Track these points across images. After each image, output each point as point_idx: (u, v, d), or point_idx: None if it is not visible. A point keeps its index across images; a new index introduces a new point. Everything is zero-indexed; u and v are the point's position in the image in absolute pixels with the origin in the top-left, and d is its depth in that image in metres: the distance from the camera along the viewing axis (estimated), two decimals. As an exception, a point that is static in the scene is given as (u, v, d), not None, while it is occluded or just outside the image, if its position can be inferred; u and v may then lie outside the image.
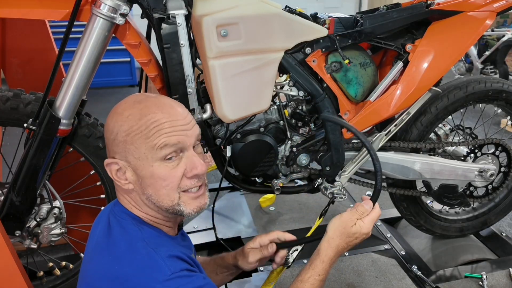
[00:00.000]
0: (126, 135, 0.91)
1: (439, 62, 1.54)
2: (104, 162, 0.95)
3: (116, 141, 0.92)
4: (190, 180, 0.94)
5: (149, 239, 0.92)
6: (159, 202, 0.93)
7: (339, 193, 1.66)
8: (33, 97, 1.47)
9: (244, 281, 1.76)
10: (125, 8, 1.34)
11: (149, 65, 1.49)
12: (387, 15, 1.50)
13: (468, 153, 1.84)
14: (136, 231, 0.93)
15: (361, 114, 1.57)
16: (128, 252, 0.89)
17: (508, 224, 2.62)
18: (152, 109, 0.91)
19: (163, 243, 0.94)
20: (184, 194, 0.94)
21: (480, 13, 1.55)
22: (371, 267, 1.83)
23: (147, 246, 0.89)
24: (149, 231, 0.95)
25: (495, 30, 4.93)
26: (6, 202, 1.47)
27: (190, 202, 0.95)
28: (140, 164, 0.91)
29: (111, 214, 0.99)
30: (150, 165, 0.90)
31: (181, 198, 0.94)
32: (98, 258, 0.94)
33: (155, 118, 0.90)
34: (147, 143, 0.89)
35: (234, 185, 1.66)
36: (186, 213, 0.95)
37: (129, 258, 0.88)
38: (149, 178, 0.91)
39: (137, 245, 0.90)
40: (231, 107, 1.42)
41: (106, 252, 0.92)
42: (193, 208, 0.96)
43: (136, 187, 0.94)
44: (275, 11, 1.38)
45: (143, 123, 0.90)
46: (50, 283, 1.69)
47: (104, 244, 0.94)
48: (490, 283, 1.74)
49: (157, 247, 0.90)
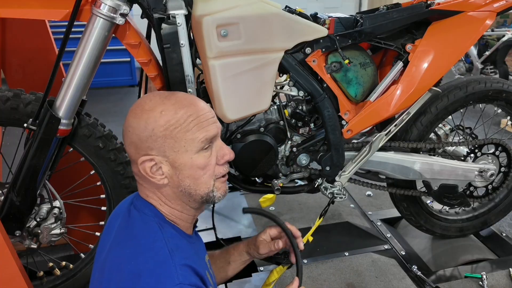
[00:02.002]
0: (165, 129, 0.93)
1: (439, 62, 1.54)
2: (138, 161, 0.95)
3: (153, 137, 0.93)
4: (222, 167, 1.01)
5: (168, 239, 0.94)
6: (196, 191, 0.98)
7: (339, 193, 1.66)
8: (33, 97, 1.47)
9: (244, 281, 1.76)
10: (125, 8, 1.34)
11: (149, 65, 1.49)
12: (387, 15, 1.50)
13: (468, 153, 1.84)
14: (157, 229, 0.95)
15: (361, 114, 1.57)
16: (146, 250, 0.91)
17: (508, 224, 2.62)
18: (184, 102, 0.95)
19: (182, 246, 0.96)
20: (217, 180, 1.01)
21: (480, 13, 1.55)
22: (371, 267, 1.83)
23: (165, 247, 0.91)
24: (170, 231, 0.97)
25: (495, 30, 4.93)
26: (6, 202, 1.47)
27: (220, 187, 1.02)
28: (180, 157, 0.94)
29: (133, 208, 1.01)
30: (190, 157, 0.94)
31: (215, 184, 1.00)
32: (118, 249, 0.95)
33: (190, 112, 0.94)
34: (187, 136, 0.93)
35: (234, 185, 1.66)
36: (217, 197, 1.01)
37: (146, 257, 0.90)
38: (188, 169, 0.95)
39: (155, 245, 0.92)
40: (231, 107, 1.42)
41: (127, 245, 0.94)
42: (222, 192, 1.02)
43: (171, 181, 0.96)
44: (275, 11, 1.38)
45: (179, 116, 0.93)
46: (50, 283, 1.69)
47: (125, 237, 0.96)
48: (490, 283, 1.74)
49: (174, 251, 0.91)
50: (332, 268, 1.82)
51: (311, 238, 1.55)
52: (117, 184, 1.60)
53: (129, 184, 1.61)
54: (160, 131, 0.93)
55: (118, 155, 1.58)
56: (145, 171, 0.95)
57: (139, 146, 0.95)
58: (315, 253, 1.92)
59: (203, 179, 0.98)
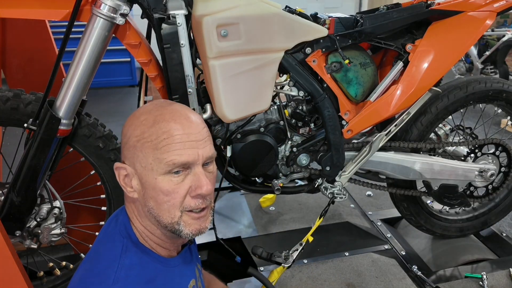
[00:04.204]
0: (137, 140, 0.87)
1: (439, 62, 1.54)
2: (114, 166, 0.92)
3: (127, 145, 0.89)
4: (194, 200, 0.88)
5: (124, 267, 0.86)
6: (159, 217, 0.88)
7: (339, 193, 1.66)
8: (33, 97, 1.47)
9: (244, 281, 1.76)
10: (125, 8, 1.34)
11: (149, 65, 1.49)
12: (387, 15, 1.50)
13: (468, 153, 1.84)
14: (118, 255, 0.88)
15: (361, 114, 1.57)
16: (95, 274, 0.86)
17: (508, 224, 2.62)
18: (166, 117, 0.87)
19: (141, 275, 0.87)
20: (186, 214, 0.89)
21: (480, 13, 1.55)
22: (371, 267, 1.83)
23: (112, 275, 0.84)
24: (133, 258, 0.89)
25: (495, 30, 4.93)
26: (6, 202, 1.47)
27: (190, 223, 0.89)
28: (145, 174, 0.86)
29: (115, 221, 0.96)
30: (154, 177, 0.85)
31: (182, 217, 0.88)
32: (82, 265, 0.92)
33: (166, 128, 0.85)
34: (154, 154, 0.85)
35: (234, 185, 1.66)
36: (184, 233, 0.89)
37: (91, 282, 0.86)
38: (151, 190, 0.87)
39: (106, 271, 0.85)
40: (231, 107, 1.42)
41: (88, 262, 0.91)
42: (192, 229, 0.89)
43: (140, 197, 0.90)
44: (275, 11, 1.38)
45: (154, 131, 0.85)
46: (50, 283, 1.69)
47: (93, 252, 0.93)
48: (490, 283, 1.73)
49: (120, 281, 0.84)
50: (332, 268, 1.82)
51: (311, 238, 1.55)
52: (117, 184, 1.58)
53: (129, 184, 1.61)
54: (133, 141, 0.87)
55: (118, 155, 1.58)
56: (119, 178, 0.91)
57: (121, 150, 0.93)
58: (315, 253, 1.92)
59: (165, 207, 0.87)
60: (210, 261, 2.02)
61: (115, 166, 0.92)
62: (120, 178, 0.91)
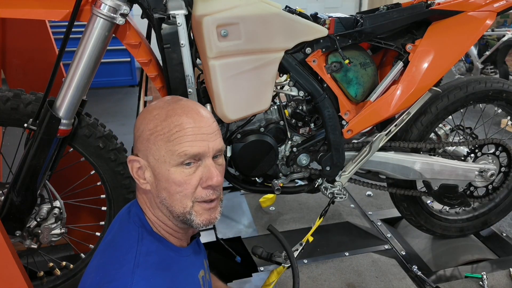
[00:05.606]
0: (150, 134, 0.91)
1: (439, 62, 1.54)
2: (128, 159, 0.95)
3: (140, 139, 0.93)
4: (204, 191, 0.92)
5: (142, 253, 0.89)
6: (171, 207, 0.92)
7: (339, 193, 1.66)
8: (33, 97, 1.47)
9: (244, 281, 1.76)
10: (125, 8, 1.34)
11: (149, 65, 1.49)
12: (387, 15, 1.50)
13: (468, 153, 1.84)
14: (135, 241, 0.91)
15: (361, 114, 1.57)
16: (114, 261, 0.89)
17: (508, 224, 2.62)
18: (178, 111, 0.91)
19: (158, 261, 0.90)
20: (198, 204, 0.93)
21: (480, 13, 1.55)
22: (372, 267, 1.83)
23: (133, 260, 0.87)
24: (149, 245, 0.92)
25: (495, 30, 4.93)
26: (6, 202, 1.47)
27: (202, 213, 0.93)
28: (158, 166, 0.90)
29: (128, 213, 0.99)
30: (167, 169, 0.89)
31: (194, 207, 0.92)
32: (98, 257, 0.94)
33: (178, 122, 0.89)
34: (167, 146, 0.89)
35: (234, 185, 1.66)
36: (196, 223, 0.93)
37: (111, 268, 0.88)
38: (164, 181, 0.90)
39: (125, 257, 0.88)
40: (231, 107, 1.42)
41: (105, 254, 0.93)
42: (203, 219, 0.93)
43: (153, 189, 0.93)
44: (275, 11, 1.38)
45: (166, 124, 0.89)
46: (51, 283, 1.69)
47: (108, 243, 0.95)
48: (491, 283, 1.74)
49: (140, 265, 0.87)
50: (332, 268, 1.82)
51: (311, 238, 1.55)
52: (118, 184, 1.60)
53: (129, 184, 1.61)
54: (146, 134, 0.91)
55: (118, 155, 1.58)
56: (132, 171, 0.95)
57: (134, 143, 0.96)
58: (315, 253, 1.92)
59: (178, 197, 0.91)
60: (210, 261, 2.02)
61: (129, 159, 0.95)
62: (133, 171, 0.94)
